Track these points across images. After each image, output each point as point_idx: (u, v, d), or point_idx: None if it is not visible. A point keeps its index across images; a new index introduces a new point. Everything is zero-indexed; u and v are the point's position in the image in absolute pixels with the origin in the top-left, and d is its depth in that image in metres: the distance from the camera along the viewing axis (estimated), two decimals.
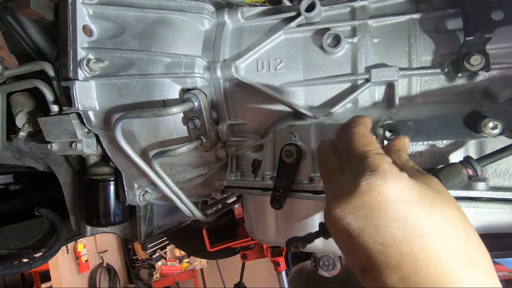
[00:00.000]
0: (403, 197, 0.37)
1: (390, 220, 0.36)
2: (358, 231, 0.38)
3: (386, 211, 0.37)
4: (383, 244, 0.36)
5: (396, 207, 0.37)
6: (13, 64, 0.74)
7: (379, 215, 0.37)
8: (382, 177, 0.37)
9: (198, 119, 0.71)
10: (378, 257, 0.36)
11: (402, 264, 0.35)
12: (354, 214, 0.38)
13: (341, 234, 0.40)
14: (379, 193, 0.37)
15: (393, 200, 0.37)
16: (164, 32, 0.72)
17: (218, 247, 2.01)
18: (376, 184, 0.37)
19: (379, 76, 0.62)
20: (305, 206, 0.73)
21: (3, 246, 1.18)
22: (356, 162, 0.41)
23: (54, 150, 0.82)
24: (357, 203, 0.38)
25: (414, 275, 0.35)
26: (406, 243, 0.35)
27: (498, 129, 0.49)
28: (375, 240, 0.37)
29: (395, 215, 0.36)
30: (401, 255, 0.35)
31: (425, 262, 0.35)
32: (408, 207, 0.36)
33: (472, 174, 0.50)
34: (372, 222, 0.37)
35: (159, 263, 5.87)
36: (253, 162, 0.74)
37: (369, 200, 0.37)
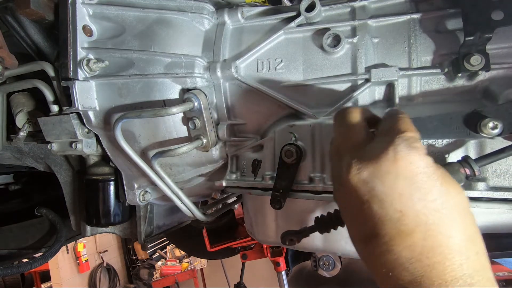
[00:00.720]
0: (429, 172, 0.39)
1: (414, 190, 0.39)
2: (381, 196, 0.40)
3: (413, 181, 0.39)
4: (402, 211, 0.38)
5: (423, 179, 0.39)
6: (13, 64, 0.74)
7: (406, 182, 0.39)
8: (415, 150, 0.40)
9: (198, 119, 0.71)
10: (392, 224, 0.39)
11: (415, 232, 0.38)
12: (381, 178, 0.40)
13: (359, 199, 0.41)
14: (410, 162, 0.39)
15: (421, 172, 0.39)
16: (164, 32, 0.72)
17: (218, 247, 2.01)
18: (409, 154, 0.39)
19: (379, 76, 0.62)
20: (305, 206, 0.73)
21: (3, 246, 1.18)
22: (393, 134, 0.42)
23: (54, 150, 0.82)
24: (387, 168, 0.40)
25: (423, 242, 0.37)
26: (424, 213, 0.38)
27: (498, 130, 0.49)
28: (395, 207, 0.39)
29: (420, 186, 0.39)
30: (416, 224, 0.38)
31: (436, 232, 0.38)
32: (432, 182, 0.39)
33: (469, 173, 0.50)
34: (398, 190, 0.39)
35: (159, 263, 5.87)
36: (253, 162, 0.74)
37: (400, 167, 0.39)
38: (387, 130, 0.45)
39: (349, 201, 0.44)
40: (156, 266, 5.83)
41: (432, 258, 0.37)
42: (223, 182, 0.76)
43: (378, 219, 0.40)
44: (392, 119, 0.46)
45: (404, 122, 0.45)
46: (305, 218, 0.73)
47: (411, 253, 0.38)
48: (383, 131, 0.46)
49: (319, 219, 0.59)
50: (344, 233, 0.71)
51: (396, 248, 0.38)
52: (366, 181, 0.41)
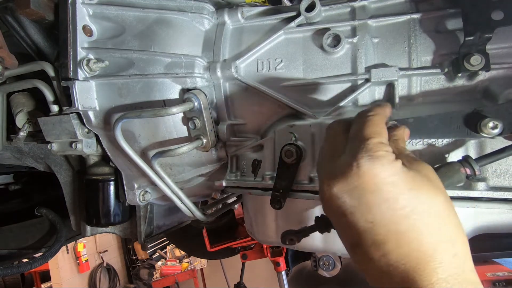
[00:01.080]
0: (395, 181, 0.40)
1: (381, 201, 0.40)
2: (351, 210, 0.41)
3: (378, 192, 0.40)
4: (373, 222, 0.40)
5: (388, 189, 0.40)
6: (13, 64, 0.74)
7: (372, 195, 0.40)
8: (377, 161, 0.40)
9: (198, 119, 0.71)
10: (367, 234, 0.40)
11: (388, 241, 0.39)
12: (349, 193, 0.41)
13: (336, 212, 0.43)
14: (374, 175, 0.40)
15: (386, 182, 0.40)
16: (164, 32, 0.72)
17: (218, 247, 2.01)
18: (372, 167, 0.40)
19: (379, 76, 0.62)
20: (305, 206, 0.73)
21: (3, 246, 1.18)
22: (357, 145, 0.43)
23: (54, 150, 0.82)
24: (353, 183, 0.41)
25: (397, 250, 0.38)
26: (394, 222, 0.39)
27: (498, 129, 0.49)
28: (366, 218, 0.40)
29: (387, 196, 0.40)
30: (388, 233, 0.39)
31: (409, 239, 0.38)
32: (398, 190, 0.40)
33: (470, 173, 0.50)
34: (365, 202, 0.40)
35: (159, 263, 5.87)
36: (253, 162, 0.74)
37: (364, 181, 0.40)
38: (353, 138, 0.46)
39: (329, 213, 0.46)
40: (156, 266, 5.83)
41: (407, 264, 0.38)
42: (223, 182, 0.76)
43: (355, 229, 0.41)
44: (359, 122, 0.47)
45: (370, 125, 0.45)
46: (305, 218, 0.73)
47: (388, 261, 0.39)
48: (350, 139, 0.47)
49: (319, 218, 0.59)
50: None
51: (374, 257, 0.40)
52: (337, 196, 0.42)
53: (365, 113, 0.48)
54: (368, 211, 0.40)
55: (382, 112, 0.48)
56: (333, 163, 0.46)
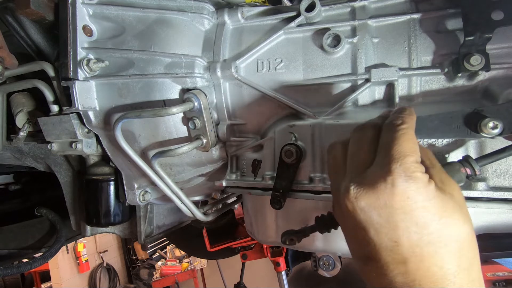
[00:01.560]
0: (428, 207, 0.39)
1: (411, 224, 0.39)
2: (376, 227, 0.41)
3: (410, 216, 0.39)
4: (397, 242, 0.40)
5: (420, 214, 0.39)
6: (13, 64, 0.74)
7: (402, 217, 0.39)
8: (414, 183, 0.39)
9: (198, 119, 0.71)
10: (387, 252, 0.40)
11: (409, 262, 0.39)
12: (379, 210, 0.40)
13: (357, 224, 0.42)
14: (408, 197, 0.39)
15: (419, 207, 0.39)
16: (164, 32, 0.72)
17: (218, 247, 2.01)
18: (407, 189, 0.39)
19: (379, 76, 0.62)
20: (305, 206, 0.73)
21: (3, 246, 1.18)
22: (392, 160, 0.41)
23: (54, 150, 0.82)
24: (385, 201, 0.40)
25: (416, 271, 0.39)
26: (419, 245, 0.39)
27: (498, 129, 0.49)
28: (391, 237, 0.40)
29: (417, 221, 0.39)
30: (412, 255, 0.39)
31: (429, 264, 0.39)
32: (430, 217, 0.39)
33: (470, 173, 0.50)
34: (394, 222, 0.40)
35: (159, 263, 5.87)
36: (253, 162, 0.74)
37: (398, 201, 0.39)
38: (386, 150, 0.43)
39: (347, 222, 0.45)
40: (156, 266, 5.83)
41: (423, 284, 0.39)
42: (223, 182, 0.76)
43: (374, 245, 0.41)
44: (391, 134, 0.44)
45: (405, 140, 0.43)
46: (305, 218, 0.73)
47: (405, 279, 0.39)
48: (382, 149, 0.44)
49: (320, 218, 0.59)
50: None
51: (390, 273, 0.40)
52: (363, 210, 0.41)
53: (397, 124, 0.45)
54: (394, 231, 0.40)
55: (413, 123, 0.46)
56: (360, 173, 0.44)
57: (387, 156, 0.42)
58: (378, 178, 0.41)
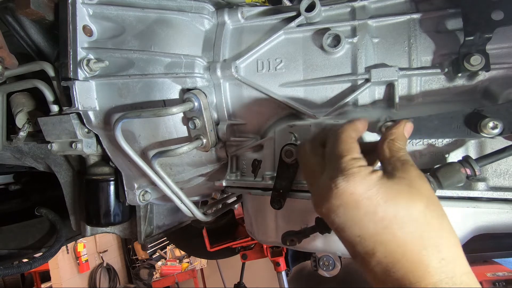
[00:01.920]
0: (371, 195, 0.42)
1: (363, 215, 0.42)
2: (341, 226, 0.44)
3: (358, 208, 0.43)
4: (361, 236, 0.43)
5: (366, 203, 0.42)
6: (13, 64, 0.74)
7: (354, 211, 0.43)
8: (351, 179, 0.43)
9: (198, 119, 0.71)
10: (358, 247, 0.43)
11: (376, 251, 0.41)
12: (335, 212, 0.44)
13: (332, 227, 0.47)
14: (351, 193, 0.43)
15: (363, 198, 0.43)
16: (164, 32, 0.72)
17: (218, 247, 2.01)
18: (347, 186, 0.43)
19: (379, 76, 0.62)
20: (305, 206, 0.73)
21: (3, 246, 1.18)
22: (332, 165, 0.47)
23: (54, 150, 0.82)
24: (335, 203, 0.44)
25: (386, 259, 0.41)
26: (377, 233, 0.42)
27: (498, 129, 0.49)
28: (354, 233, 0.43)
29: (366, 210, 0.42)
30: (375, 244, 0.42)
31: (392, 248, 0.41)
32: (375, 202, 0.42)
33: (470, 173, 0.50)
34: (350, 218, 0.43)
35: (159, 263, 5.87)
36: (253, 162, 0.74)
37: (345, 199, 0.43)
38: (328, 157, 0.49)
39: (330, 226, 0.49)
40: (156, 266, 5.83)
41: (396, 273, 0.40)
42: (223, 182, 0.76)
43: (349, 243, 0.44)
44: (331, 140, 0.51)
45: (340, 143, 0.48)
46: (305, 218, 0.73)
47: (381, 270, 0.41)
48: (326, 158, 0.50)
49: (320, 219, 0.59)
50: None
51: (369, 266, 0.42)
52: (326, 215, 0.46)
53: (335, 131, 0.51)
54: (354, 226, 0.43)
55: (350, 128, 0.51)
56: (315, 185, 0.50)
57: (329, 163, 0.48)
58: (325, 186, 0.46)
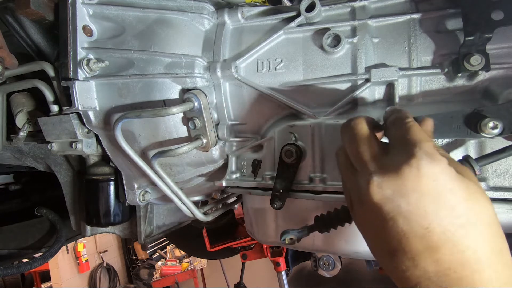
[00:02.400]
0: (454, 189, 0.39)
1: (440, 208, 0.38)
2: (405, 214, 0.39)
3: (438, 198, 0.38)
4: (428, 229, 0.38)
5: (447, 196, 0.39)
6: (13, 64, 0.74)
7: (431, 201, 0.38)
8: (438, 165, 0.39)
9: (198, 119, 0.71)
10: (418, 240, 0.39)
11: (441, 248, 0.38)
12: (406, 196, 0.39)
13: (383, 216, 0.41)
14: (434, 180, 0.38)
15: (445, 189, 0.39)
16: (164, 32, 0.72)
17: (218, 247, 2.01)
18: (432, 171, 0.38)
19: (379, 76, 0.62)
20: (305, 206, 0.73)
21: (3, 246, 1.18)
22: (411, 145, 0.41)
23: (54, 150, 0.82)
24: (410, 186, 0.39)
25: (450, 257, 0.37)
26: (450, 230, 0.38)
27: (498, 129, 0.49)
28: (422, 224, 0.38)
29: (445, 204, 0.38)
30: (443, 240, 0.38)
31: (463, 247, 0.38)
32: (457, 199, 0.39)
33: None
34: (423, 207, 0.39)
35: (159, 263, 5.87)
36: (253, 162, 0.74)
37: (424, 185, 0.39)
38: (401, 139, 0.43)
39: (371, 217, 0.43)
40: (156, 266, 5.83)
41: (460, 272, 0.37)
42: (223, 182, 0.76)
43: (404, 235, 0.39)
44: (402, 125, 0.45)
45: (417, 130, 0.43)
46: (305, 218, 0.73)
47: (438, 268, 0.38)
48: (397, 140, 0.44)
49: (319, 218, 0.59)
50: (345, 233, 0.72)
51: (422, 263, 0.38)
52: (390, 199, 0.40)
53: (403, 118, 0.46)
54: (424, 217, 0.38)
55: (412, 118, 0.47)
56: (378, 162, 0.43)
57: (404, 144, 0.42)
58: (401, 163, 0.40)
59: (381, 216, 0.41)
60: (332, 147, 0.66)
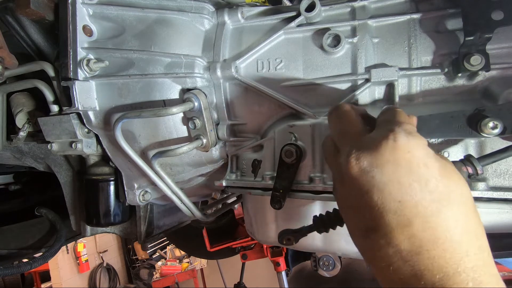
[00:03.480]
0: (429, 163, 0.39)
1: (413, 180, 0.38)
2: (380, 186, 0.39)
3: (411, 171, 0.38)
4: (401, 202, 0.38)
5: (422, 169, 0.38)
6: (13, 64, 0.74)
7: (405, 172, 0.38)
8: (414, 139, 0.40)
9: (198, 119, 0.71)
10: (391, 215, 0.38)
11: (414, 223, 0.37)
12: (381, 168, 0.39)
13: (360, 189, 0.41)
14: (409, 151, 0.39)
15: (421, 162, 0.39)
16: (164, 32, 0.72)
17: (218, 247, 2.01)
18: (409, 143, 0.39)
19: (379, 76, 0.62)
20: (305, 206, 0.73)
21: (3, 246, 1.18)
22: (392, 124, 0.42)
23: (54, 150, 0.82)
24: (386, 157, 0.39)
25: (422, 233, 0.37)
26: (422, 204, 0.37)
27: (498, 129, 0.49)
28: (394, 197, 0.38)
29: (419, 177, 0.38)
30: (416, 214, 0.37)
31: (435, 224, 0.37)
32: (431, 173, 0.38)
33: (472, 172, 0.49)
34: (397, 179, 0.38)
35: (159, 263, 5.87)
36: (253, 162, 0.74)
37: (399, 156, 0.39)
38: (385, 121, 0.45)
39: (349, 192, 0.43)
40: (156, 266, 5.83)
41: (432, 251, 0.36)
42: (223, 182, 0.76)
43: (378, 210, 0.39)
44: (390, 112, 0.47)
45: (402, 115, 0.45)
46: (305, 218, 0.73)
47: (411, 246, 0.37)
48: (381, 122, 0.46)
49: (318, 218, 0.59)
50: (344, 233, 0.71)
51: (395, 241, 0.38)
52: (366, 170, 0.40)
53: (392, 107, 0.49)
54: (397, 189, 0.38)
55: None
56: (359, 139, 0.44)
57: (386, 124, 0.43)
58: (379, 139, 0.41)
59: (358, 189, 0.41)
60: None
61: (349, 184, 0.42)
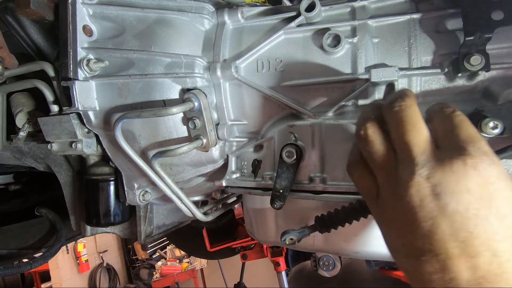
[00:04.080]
0: (509, 196, 0.36)
1: (491, 214, 0.36)
2: (451, 215, 0.36)
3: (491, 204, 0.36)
4: (473, 233, 0.35)
5: (501, 203, 0.36)
6: (13, 64, 0.74)
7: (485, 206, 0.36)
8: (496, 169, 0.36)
9: (198, 119, 0.71)
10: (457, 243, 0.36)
11: (480, 255, 0.35)
12: (457, 195, 0.36)
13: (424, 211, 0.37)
14: (491, 183, 0.36)
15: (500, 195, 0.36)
16: (164, 32, 0.72)
17: (218, 247, 2.01)
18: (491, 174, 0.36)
19: (379, 76, 0.62)
20: (305, 206, 0.73)
21: (3, 246, 1.18)
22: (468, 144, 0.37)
23: (54, 150, 0.82)
24: (465, 186, 0.36)
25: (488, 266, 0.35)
26: (495, 239, 0.35)
27: (498, 129, 0.49)
28: (466, 228, 0.36)
29: (498, 211, 0.36)
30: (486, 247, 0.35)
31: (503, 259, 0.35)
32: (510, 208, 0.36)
33: None
34: (474, 211, 0.36)
35: (159, 263, 5.87)
36: (253, 162, 0.74)
37: (480, 187, 0.36)
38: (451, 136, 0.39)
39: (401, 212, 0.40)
40: (156, 266, 5.83)
41: (495, 283, 0.35)
42: (223, 182, 0.76)
43: (439, 236, 0.36)
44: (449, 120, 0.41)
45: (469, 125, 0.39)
46: (306, 218, 0.73)
47: (472, 276, 0.35)
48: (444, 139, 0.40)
49: (319, 218, 0.59)
50: (344, 233, 0.72)
51: (454, 268, 0.36)
52: (438, 195, 0.36)
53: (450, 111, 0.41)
54: (471, 220, 0.35)
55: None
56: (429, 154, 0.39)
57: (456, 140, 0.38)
58: (454, 160, 0.36)
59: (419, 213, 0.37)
60: (332, 147, 0.66)
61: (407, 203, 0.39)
